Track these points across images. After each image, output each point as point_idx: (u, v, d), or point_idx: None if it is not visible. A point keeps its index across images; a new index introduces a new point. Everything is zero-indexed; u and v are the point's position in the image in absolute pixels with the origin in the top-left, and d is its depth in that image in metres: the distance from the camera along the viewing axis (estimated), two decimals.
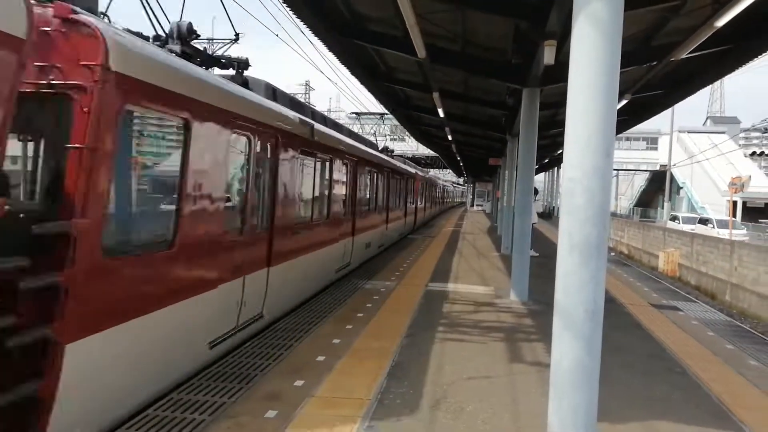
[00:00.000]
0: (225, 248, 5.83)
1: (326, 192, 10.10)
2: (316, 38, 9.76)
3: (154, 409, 4.59)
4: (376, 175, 14.67)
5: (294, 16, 8.70)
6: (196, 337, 5.44)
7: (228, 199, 5.95)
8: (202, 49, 7.16)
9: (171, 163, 5.16)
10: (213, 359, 5.81)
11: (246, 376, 5.42)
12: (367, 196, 13.84)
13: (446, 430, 4.49)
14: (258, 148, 6.70)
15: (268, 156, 7.09)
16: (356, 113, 26.10)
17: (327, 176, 10.15)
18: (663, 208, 42.83)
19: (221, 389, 5.07)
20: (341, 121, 18.90)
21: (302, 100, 19.13)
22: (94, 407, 4.05)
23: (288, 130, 7.67)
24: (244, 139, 6.34)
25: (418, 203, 25.71)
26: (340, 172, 10.95)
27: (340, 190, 11.05)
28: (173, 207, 5.03)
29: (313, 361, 5.97)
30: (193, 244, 5.22)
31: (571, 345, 3.73)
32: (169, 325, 4.90)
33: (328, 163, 10.12)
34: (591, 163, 3.67)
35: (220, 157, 5.65)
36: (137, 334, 4.43)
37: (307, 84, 55.82)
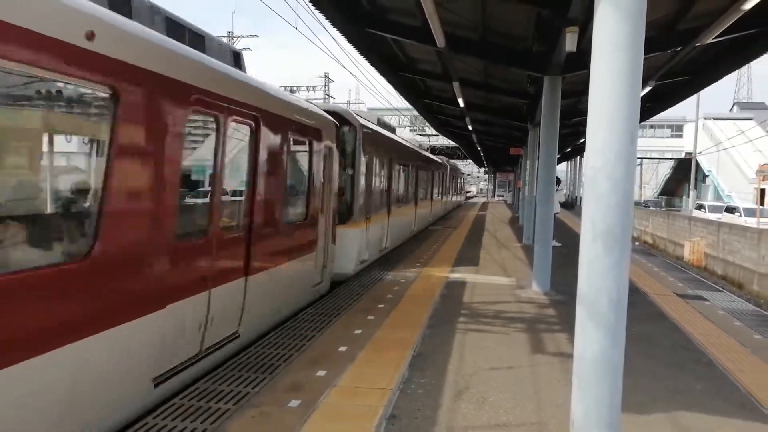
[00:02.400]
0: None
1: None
2: (335, 30, 9.74)
3: (180, 398, 4.66)
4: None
5: (313, 8, 8.69)
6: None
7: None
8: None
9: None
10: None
11: (269, 367, 5.47)
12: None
13: (469, 420, 4.49)
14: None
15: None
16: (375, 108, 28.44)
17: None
18: (688, 196, 42.15)
19: (245, 379, 5.14)
20: (362, 110, 24.49)
21: (322, 92, 26.37)
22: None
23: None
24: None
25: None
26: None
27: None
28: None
29: (335, 351, 6.01)
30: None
31: (595, 335, 3.69)
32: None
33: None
34: (614, 150, 3.61)
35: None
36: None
37: (326, 76, 55.70)
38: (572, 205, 44.23)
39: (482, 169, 79.69)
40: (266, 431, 4.15)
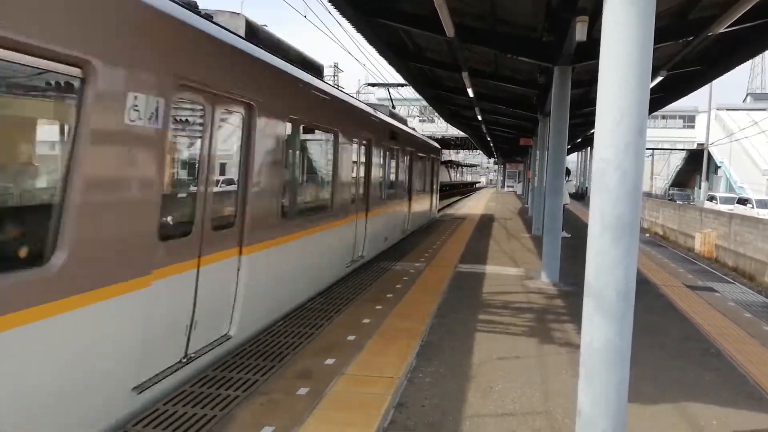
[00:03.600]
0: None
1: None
2: (343, 19, 9.71)
3: (191, 385, 4.72)
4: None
5: None
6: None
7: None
8: None
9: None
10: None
11: (278, 355, 5.52)
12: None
13: (475, 408, 4.52)
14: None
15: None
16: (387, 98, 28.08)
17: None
18: (700, 188, 41.80)
19: (254, 367, 5.19)
20: (372, 101, 26.90)
21: (331, 82, 27.90)
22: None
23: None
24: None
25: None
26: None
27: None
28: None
29: (344, 340, 6.06)
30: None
31: (602, 326, 3.69)
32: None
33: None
34: (623, 141, 3.59)
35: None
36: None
37: (335, 66, 55.56)
38: (582, 196, 44.00)
39: (492, 160, 79.44)
40: (275, 418, 4.21)
